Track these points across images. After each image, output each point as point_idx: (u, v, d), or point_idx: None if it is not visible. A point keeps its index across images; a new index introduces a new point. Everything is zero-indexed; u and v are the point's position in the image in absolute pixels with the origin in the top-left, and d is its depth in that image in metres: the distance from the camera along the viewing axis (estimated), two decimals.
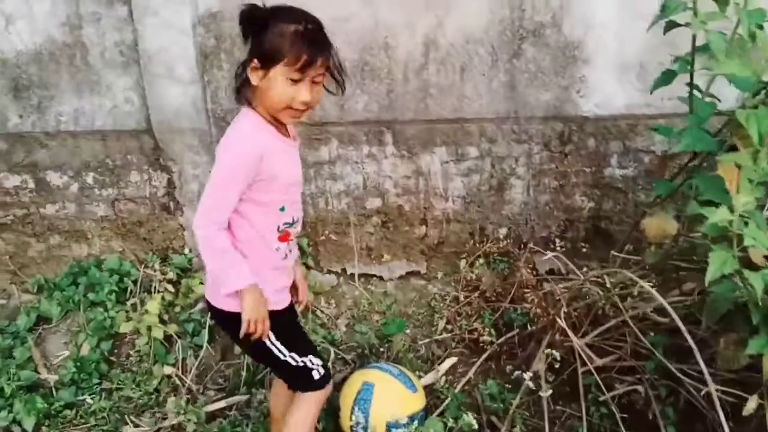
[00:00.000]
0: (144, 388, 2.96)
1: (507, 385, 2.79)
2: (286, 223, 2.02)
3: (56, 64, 3.16)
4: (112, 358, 3.14)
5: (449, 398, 2.73)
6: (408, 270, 3.37)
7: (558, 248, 3.17)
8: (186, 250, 3.39)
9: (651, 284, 2.33)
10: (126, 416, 2.84)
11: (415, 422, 2.51)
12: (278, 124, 1.96)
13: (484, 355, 2.92)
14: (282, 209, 1.99)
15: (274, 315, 2.04)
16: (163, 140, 3.21)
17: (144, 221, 3.42)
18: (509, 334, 2.94)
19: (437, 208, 3.23)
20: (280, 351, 2.10)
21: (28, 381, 2.96)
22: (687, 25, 1.92)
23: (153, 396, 2.94)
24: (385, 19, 2.92)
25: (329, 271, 3.39)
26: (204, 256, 1.96)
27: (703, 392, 1.80)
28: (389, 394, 2.53)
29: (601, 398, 2.38)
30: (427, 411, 2.64)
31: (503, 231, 3.22)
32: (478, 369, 2.91)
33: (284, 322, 2.11)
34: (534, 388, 2.49)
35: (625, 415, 2.38)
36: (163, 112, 3.15)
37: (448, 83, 3.00)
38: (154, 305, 3.04)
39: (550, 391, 2.50)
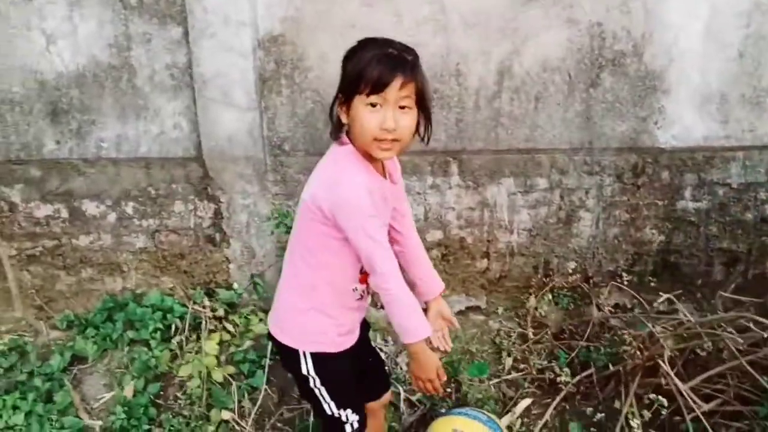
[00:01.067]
0: None
1: (592, 429, 2.67)
2: (351, 285, 1.94)
3: (100, 87, 2.97)
4: (159, 401, 2.93)
5: None
6: (468, 305, 3.23)
7: (625, 282, 3.08)
8: (234, 285, 3.20)
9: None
10: None
11: None
12: (374, 163, 1.83)
13: (560, 396, 2.80)
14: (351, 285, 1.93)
15: (329, 357, 1.97)
16: (214, 168, 3.04)
17: (186, 254, 3.23)
18: (585, 373, 2.82)
19: (501, 240, 3.11)
20: (321, 395, 2.02)
21: (74, 428, 2.74)
22: None
23: None
24: (458, 46, 2.81)
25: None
26: (390, 312, 1.84)
27: None
28: None
29: None
30: None
31: (570, 265, 3.11)
32: (553, 411, 2.79)
33: (337, 366, 2.01)
34: None
35: None
36: (216, 138, 2.98)
37: (521, 112, 2.89)
38: (211, 345, 2.85)
39: None
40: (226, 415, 2.79)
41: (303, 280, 1.92)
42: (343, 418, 2.07)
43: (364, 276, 1.93)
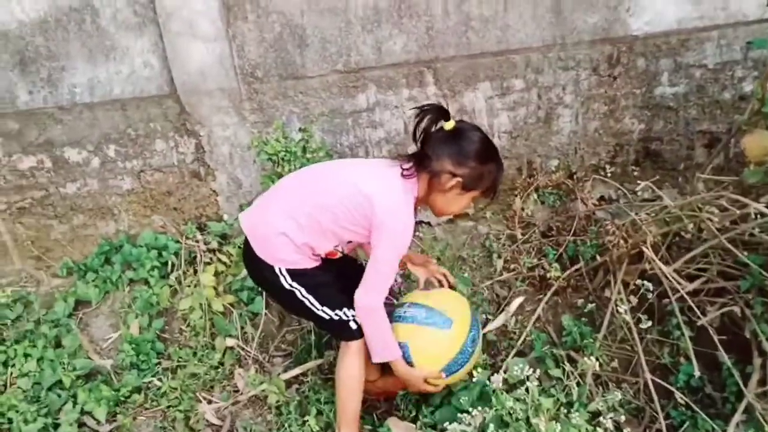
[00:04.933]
0: (207, 362, 2.86)
1: (583, 319, 2.75)
2: (336, 247, 2.18)
3: (64, 31, 2.92)
4: (165, 336, 3.02)
5: (526, 337, 2.70)
6: None
7: (608, 174, 3.11)
8: (225, 216, 3.24)
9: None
10: (197, 393, 2.74)
11: (470, 350, 2.29)
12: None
13: (551, 290, 2.87)
14: (336, 247, 2.17)
15: (303, 271, 2.13)
16: (189, 103, 3.02)
17: (173, 190, 3.25)
18: (574, 267, 2.88)
19: None
20: (312, 305, 2.17)
21: (85, 369, 2.84)
22: None
23: (219, 370, 2.84)
24: None
25: None
26: (365, 324, 2.14)
27: None
28: (426, 347, 2.25)
29: (699, 322, 2.35)
30: (479, 323, 2.42)
31: (553, 163, 3.13)
32: (545, 306, 2.87)
33: (314, 275, 2.16)
34: (626, 317, 2.44)
35: (723, 337, 2.35)
36: (188, 73, 2.95)
37: (491, 14, 2.85)
38: (208, 277, 2.91)
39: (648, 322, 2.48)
40: (230, 342, 2.89)
41: (301, 219, 2.07)
42: (343, 317, 2.19)
43: (330, 252, 2.16)
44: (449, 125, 2.04)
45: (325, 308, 2.17)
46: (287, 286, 2.12)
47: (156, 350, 2.93)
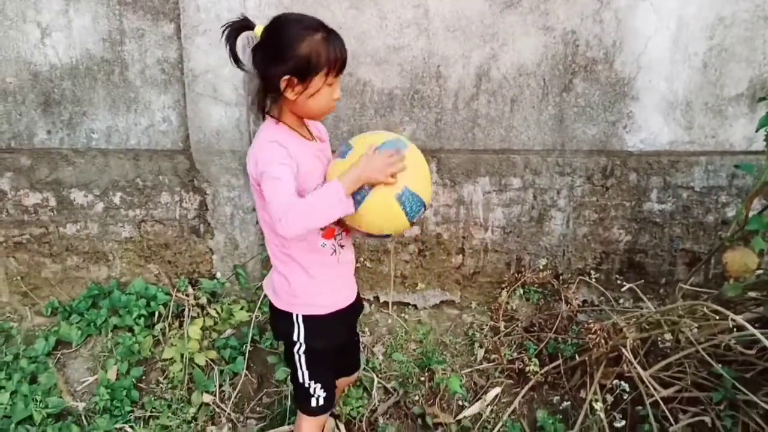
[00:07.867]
0: (181, 416, 2.85)
1: (558, 416, 2.79)
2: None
3: (92, 79, 3.06)
4: (142, 385, 3.01)
5: (500, 428, 2.73)
6: (442, 299, 3.35)
7: (593, 280, 3.22)
8: (217, 275, 3.30)
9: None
10: None
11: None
12: (301, 129, 1.97)
13: (529, 385, 2.92)
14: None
15: (321, 320, 2.07)
16: (201, 161, 3.14)
17: (171, 244, 3.32)
18: (553, 364, 2.95)
19: (476, 237, 3.24)
20: (299, 362, 2.14)
21: (57, 408, 2.82)
22: None
23: (191, 425, 2.83)
24: (439, 49, 2.94)
25: (362, 299, 3.33)
26: (305, 227, 1.76)
27: None
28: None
29: (671, 429, 2.41)
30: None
31: (541, 262, 3.25)
32: (521, 399, 2.91)
33: (327, 331, 2.10)
34: (601, 414, 2.50)
35: None
36: (204, 132, 3.08)
37: (498, 114, 3.03)
38: (195, 330, 2.94)
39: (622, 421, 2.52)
40: (207, 398, 2.89)
41: (277, 248, 2.03)
42: (311, 391, 2.19)
43: (328, 232, 2.00)
44: (257, 31, 1.89)
45: (306, 373, 2.16)
46: (295, 338, 2.09)
47: (131, 398, 2.91)
